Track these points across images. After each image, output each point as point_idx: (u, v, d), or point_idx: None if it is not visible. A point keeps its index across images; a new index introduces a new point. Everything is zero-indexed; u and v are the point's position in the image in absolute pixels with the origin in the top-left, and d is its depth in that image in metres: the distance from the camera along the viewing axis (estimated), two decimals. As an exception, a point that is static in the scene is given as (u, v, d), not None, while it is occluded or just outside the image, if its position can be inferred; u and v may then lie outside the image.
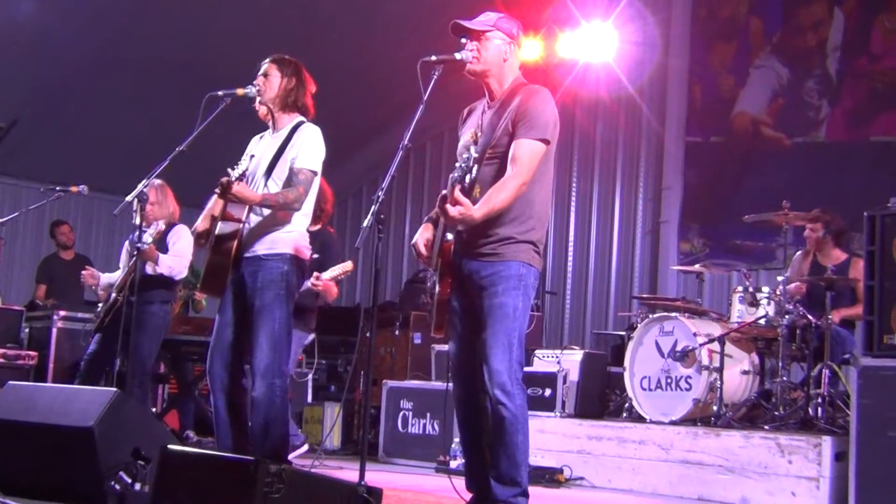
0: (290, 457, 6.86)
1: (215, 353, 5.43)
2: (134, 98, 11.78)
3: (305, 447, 7.36)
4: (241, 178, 5.22)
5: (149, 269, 7.42)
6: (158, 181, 7.64)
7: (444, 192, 4.38)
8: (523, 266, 4.60)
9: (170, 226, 7.69)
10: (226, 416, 5.41)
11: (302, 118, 5.60)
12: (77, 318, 9.28)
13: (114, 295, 7.44)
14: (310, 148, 5.46)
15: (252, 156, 5.53)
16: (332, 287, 7.27)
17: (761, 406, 7.46)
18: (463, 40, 4.70)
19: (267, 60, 5.64)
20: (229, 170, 5.23)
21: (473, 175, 4.39)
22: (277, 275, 5.35)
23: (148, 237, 7.39)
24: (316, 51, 10.91)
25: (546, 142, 4.58)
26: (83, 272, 7.94)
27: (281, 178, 5.45)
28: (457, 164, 4.37)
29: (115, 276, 7.85)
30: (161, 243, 7.55)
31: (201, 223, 5.61)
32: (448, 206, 4.30)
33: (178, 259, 7.52)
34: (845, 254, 7.99)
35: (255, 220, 5.44)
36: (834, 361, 7.19)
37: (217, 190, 5.24)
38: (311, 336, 7.51)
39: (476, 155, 4.38)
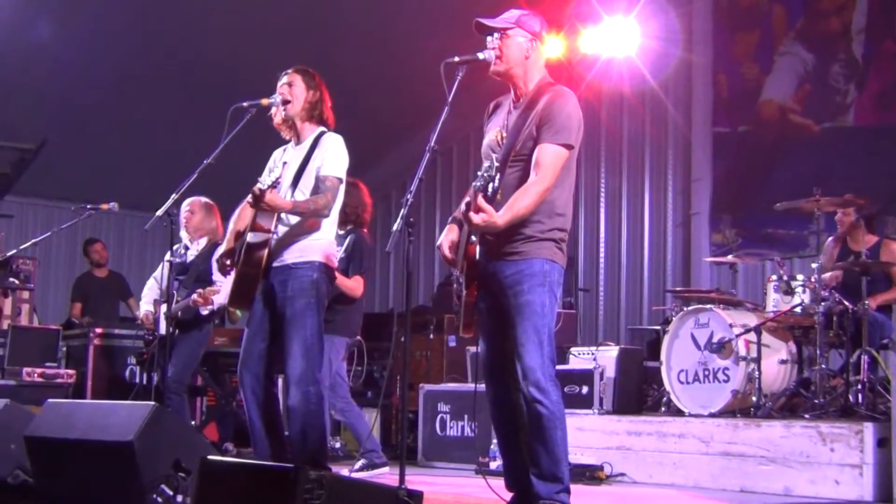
0: (370, 475, 6.90)
1: (245, 364, 5.47)
2: (160, 113, 11.85)
3: (386, 468, 7.36)
4: (275, 185, 5.22)
5: (203, 311, 7.46)
6: (205, 198, 7.71)
7: (467, 198, 4.38)
8: (547, 263, 4.57)
9: (213, 245, 7.72)
10: (260, 426, 5.44)
11: (324, 129, 5.63)
12: (114, 334, 9.35)
13: (164, 329, 7.38)
14: (334, 156, 5.48)
15: (285, 162, 5.53)
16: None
17: (801, 395, 7.40)
18: (488, 38, 4.68)
19: (290, 71, 5.65)
20: (260, 179, 5.25)
21: (496, 185, 4.37)
22: (308, 283, 5.37)
23: (192, 254, 7.45)
24: (341, 55, 10.94)
25: (570, 147, 4.56)
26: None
27: (307, 188, 5.47)
28: (479, 173, 4.35)
29: (152, 290, 7.90)
30: (205, 263, 7.59)
31: (225, 245, 5.60)
32: (472, 213, 4.29)
33: (225, 290, 7.48)
34: (876, 237, 7.94)
35: (283, 229, 5.45)
36: (872, 347, 7.14)
37: (249, 199, 5.25)
38: (349, 340, 7.50)
39: (498, 164, 4.35)
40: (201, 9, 10.55)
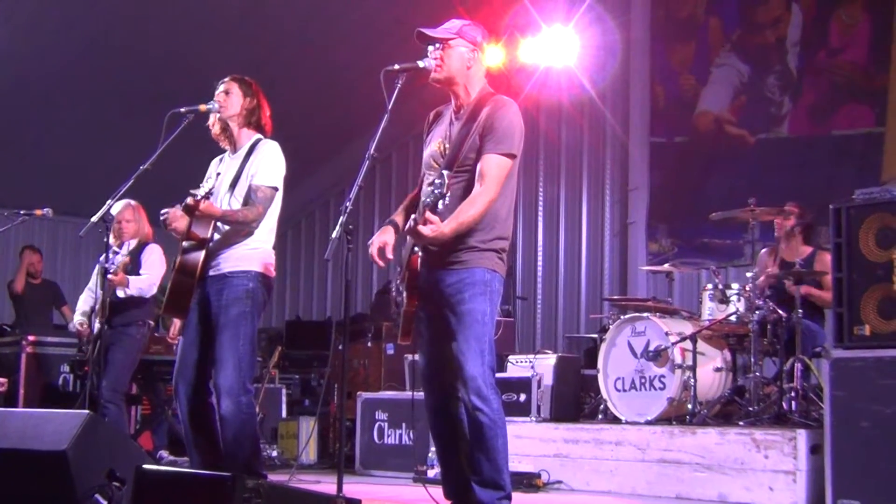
0: None
1: (180, 373, 5.44)
2: (97, 119, 11.71)
3: None
4: (208, 196, 5.20)
5: (119, 293, 7.43)
6: (133, 201, 7.69)
7: (413, 216, 4.38)
8: (488, 272, 4.59)
9: (143, 245, 7.73)
10: (194, 436, 5.41)
11: (260, 136, 5.61)
12: (47, 342, 9.22)
13: (98, 326, 7.37)
14: (269, 164, 5.47)
15: (218, 173, 5.51)
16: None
17: (735, 402, 7.48)
18: (429, 48, 4.69)
19: (226, 79, 5.65)
20: (192, 190, 5.22)
21: (446, 201, 4.37)
22: (243, 292, 5.35)
23: (119, 258, 7.39)
24: (280, 64, 10.90)
25: (513, 156, 4.59)
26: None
27: (242, 195, 5.45)
28: (429, 188, 4.35)
29: (86, 302, 7.85)
30: (134, 262, 7.57)
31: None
32: (420, 226, 4.29)
33: (146, 278, 7.51)
34: (810, 247, 8.04)
35: (218, 238, 5.42)
36: (805, 355, 7.22)
37: (182, 211, 5.23)
38: None
39: (448, 181, 4.35)
40: (140, 12, 10.45)
